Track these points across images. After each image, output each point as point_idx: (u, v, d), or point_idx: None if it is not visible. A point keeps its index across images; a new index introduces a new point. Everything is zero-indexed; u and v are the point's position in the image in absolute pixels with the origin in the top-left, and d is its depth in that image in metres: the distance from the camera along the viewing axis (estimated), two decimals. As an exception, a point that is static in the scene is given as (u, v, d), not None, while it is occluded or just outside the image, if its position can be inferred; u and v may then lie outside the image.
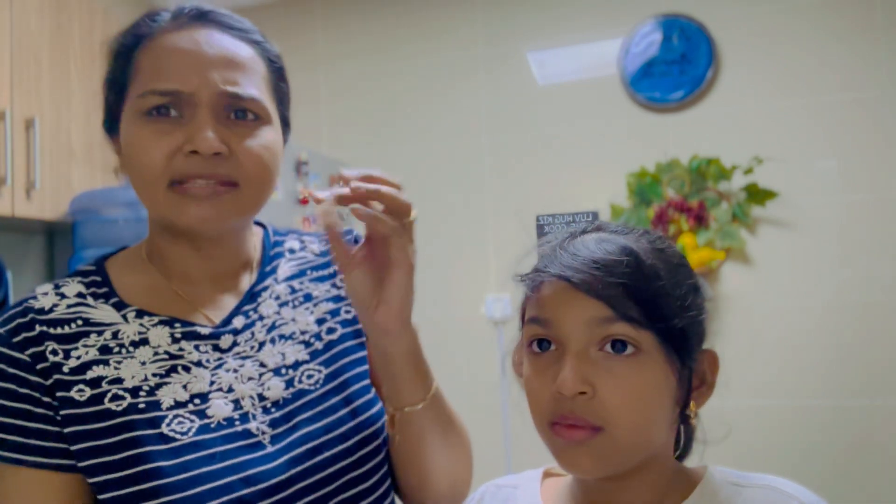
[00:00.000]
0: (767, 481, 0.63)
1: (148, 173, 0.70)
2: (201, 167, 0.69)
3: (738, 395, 2.38)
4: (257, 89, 0.73)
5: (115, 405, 0.68)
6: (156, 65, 0.71)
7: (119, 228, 1.90)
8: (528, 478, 0.73)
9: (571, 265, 0.59)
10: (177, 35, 0.72)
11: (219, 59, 0.71)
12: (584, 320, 0.59)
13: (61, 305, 0.73)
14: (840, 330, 2.29)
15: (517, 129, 2.67)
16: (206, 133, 0.68)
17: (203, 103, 0.70)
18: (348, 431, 0.75)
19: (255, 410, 0.73)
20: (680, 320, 0.59)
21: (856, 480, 2.25)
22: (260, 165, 0.72)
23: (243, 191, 0.72)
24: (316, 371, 0.78)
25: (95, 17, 2.04)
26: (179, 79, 0.69)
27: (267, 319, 0.79)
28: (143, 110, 0.70)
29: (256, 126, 0.73)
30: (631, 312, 0.58)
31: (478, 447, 0.85)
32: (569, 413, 0.58)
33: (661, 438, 0.62)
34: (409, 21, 2.81)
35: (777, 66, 2.38)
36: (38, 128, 1.79)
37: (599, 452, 0.58)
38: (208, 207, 0.70)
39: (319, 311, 0.82)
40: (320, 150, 2.83)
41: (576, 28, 2.61)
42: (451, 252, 2.68)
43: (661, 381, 0.59)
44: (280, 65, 0.79)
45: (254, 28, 0.77)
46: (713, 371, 0.65)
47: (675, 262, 0.63)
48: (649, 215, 2.44)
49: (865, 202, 2.29)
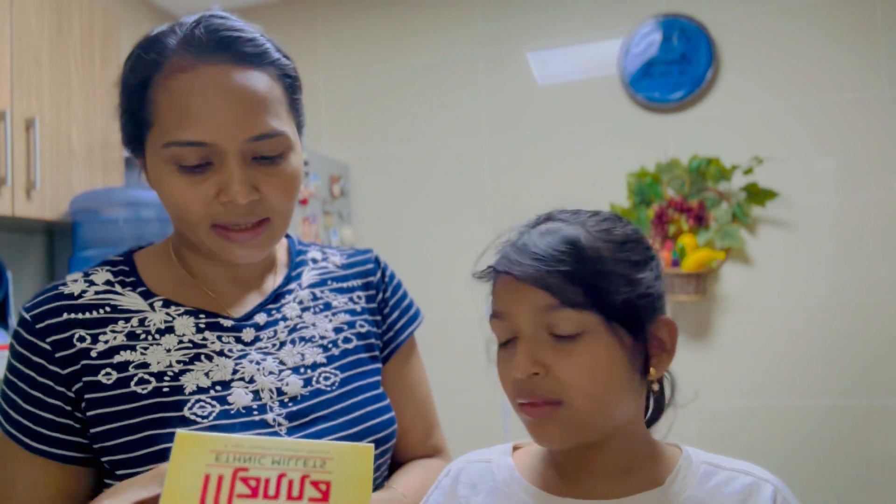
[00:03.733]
0: (743, 466, 0.67)
1: (189, 219, 0.73)
2: (237, 214, 0.73)
3: (739, 395, 2.38)
4: (279, 121, 0.73)
5: (140, 388, 0.72)
6: (175, 110, 0.70)
7: (119, 228, 1.90)
8: (499, 452, 0.76)
9: (515, 260, 0.64)
10: (193, 76, 0.70)
11: (240, 105, 0.70)
12: (531, 310, 0.63)
13: (90, 292, 0.76)
14: (841, 330, 2.29)
15: (517, 129, 2.67)
16: (238, 185, 0.71)
17: (231, 152, 0.71)
18: (362, 432, 0.79)
19: (272, 403, 0.76)
20: (624, 296, 0.63)
21: (857, 481, 2.25)
22: (287, 197, 0.76)
23: (275, 222, 0.76)
24: (332, 374, 0.81)
25: (95, 17, 2.04)
26: (203, 130, 0.69)
27: (290, 321, 0.82)
28: (173, 162, 0.71)
29: (281, 161, 0.74)
30: (572, 297, 0.62)
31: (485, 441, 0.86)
32: (529, 392, 0.64)
33: (625, 406, 0.65)
34: (410, 21, 2.81)
35: (777, 66, 2.38)
36: (38, 128, 1.79)
37: (563, 423, 0.63)
38: (251, 248, 0.75)
39: (337, 321, 0.86)
40: (320, 150, 2.83)
41: (576, 28, 2.61)
42: (451, 252, 2.68)
43: (611, 354, 0.63)
44: (294, 75, 0.79)
45: (265, 43, 0.75)
46: (672, 338, 0.67)
47: (621, 241, 0.66)
48: (649, 215, 2.44)
49: (865, 202, 2.29)
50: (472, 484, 0.73)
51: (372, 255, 0.94)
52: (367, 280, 0.91)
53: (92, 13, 2.02)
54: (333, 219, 2.62)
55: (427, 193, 2.76)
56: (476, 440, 0.86)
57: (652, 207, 2.44)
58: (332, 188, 2.63)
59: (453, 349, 2.48)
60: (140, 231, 1.90)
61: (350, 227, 2.75)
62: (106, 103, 2.04)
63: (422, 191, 2.77)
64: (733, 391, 2.38)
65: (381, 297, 0.91)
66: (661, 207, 2.41)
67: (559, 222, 0.67)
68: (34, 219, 1.83)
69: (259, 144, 0.72)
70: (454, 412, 2.19)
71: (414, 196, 2.78)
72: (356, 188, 2.83)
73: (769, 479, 0.66)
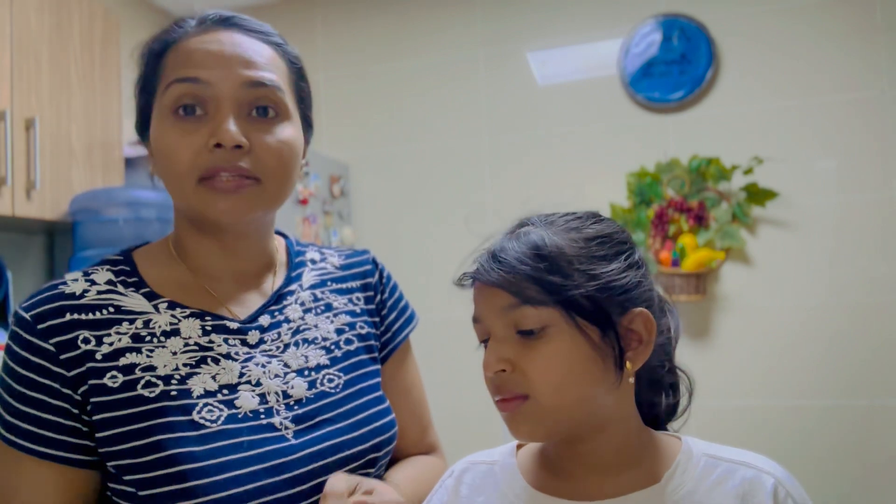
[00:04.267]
0: (744, 457, 0.68)
1: (178, 170, 0.73)
2: (224, 160, 0.72)
3: (739, 395, 2.38)
4: (279, 79, 0.77)
5: (147, 392, 0.70)
6: (181, 61, 0.75)
7: (119, 228, 1.90)
8: (503, 453, 0.77)
9: (483, 265, 0.68)
10: (202, 38, 0.76)
11: (241, 55, 0.75)
12: (496, 310, 0.67)
13: (91, 292, 0.74)
14: (840, 329, 2.29)
15: (517, 129, 2.67)
16: (228, 125, 0.72)
17: (225, 97, 0.73)
18: (366, 434, 0.80)
19: (279, 406, 0.76)
20: (583, 290, 0.64)
21: (857, 481, 2.25)
22: (278, 160, 0.75)
23: (265, 185, 0.75)
24: (336, 376, 0.82)
25: (95, 17, 2.04)
26: (202, 69, 0.73)
27: (292, 323, 0.82)
28: (170, 107, 0.74)
29: (276, 122, 0.76)
30: (530, 294, 0.64)
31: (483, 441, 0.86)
32: (500, 388, 0.66)
33: (602, 400, 0.66)
34: (410, 21, 2.81)
35: (777, 66, 2.38)
36: (38, 128, 1.79)
37: (530, 417, 0.65)
38: (234, 200, 0.73)
39: (339, 322, 0.86)
40: (320, 150, 2.83)
41: (576, 28, 2.61)
42: (451, 252, 2.68)
43: (574, 347, 0.64)
44: (300, 65, 0.83)
45: (274, 31, 0.81)
46: (649, 330, 0.67)
47: (589, 237, 0.68)
48: (649, 215, 2.44)
49: (865, 202, 2.29)
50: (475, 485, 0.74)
51: (369, 255, 0.95)
52: (366, 281, 0.92)
53: (92, 13, 2.02)
54: (333, 219, 2.62)
55: (427, 193, 2.75)
56: (473, 439, 0.87)
57: (652, 207, 2.44)
58: (332, 188, 2.63)
59: (453, 350, 2.47)
60: (140, 231, 1.90)
61: (350, 227, 2.75)
62: (106, 103, 2.04)
63: (422, 191, 2.77)
64: (733, 391, 2.38)
65: (379, 299, 0.92)
66: (661, 207, 2.41)
67: (530, 226, 0.70)
68: (34, 219, 1.83)
69: (254, 92, 0.74)
70: (453, 413, 2.19)
71: (414, 196, 2.78)
72: (356, 188, 2.83)
73: (771, 470, 0.66)
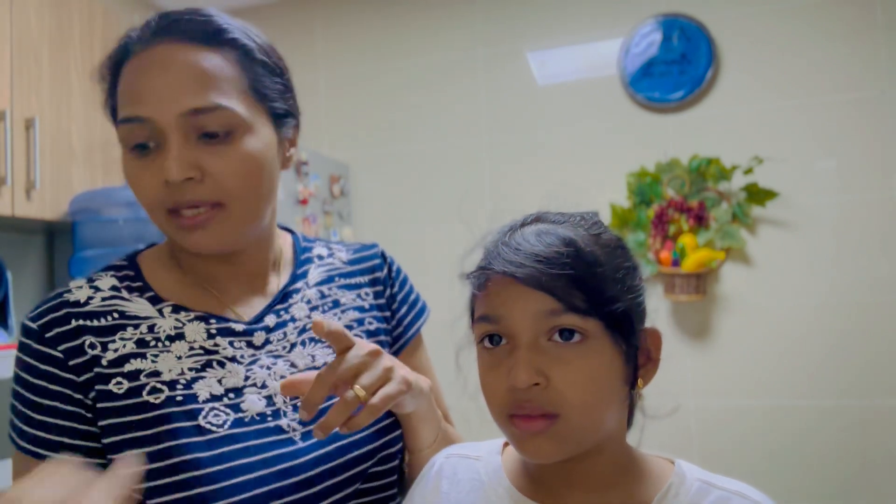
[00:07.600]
0: (736, 486, 0.63)
1: (145, 204, 0.73)
2: (180, 194, 0.70)
3: (739, 395, 2.37)
4: (225, 97, 0.70)
5: (153, 398, 0.70)
6: (124, 92, 0.71)
7: (119, 228, 1.90)
8: (488, 450, 0.73)
9: (514, 260, 0.60)
10: (141, 58, 0.71)
11: (178, 80, 0.69)
12: (532, 314, 0.60)
13: (96, 298, 0.74)
14: (841, 329, 2.29)
15: (517, 129, 2.67)
16: (171, 161, 0.68)
17: (170, 128, 0.69)
18: (375, 434, 0.78)
19: (286, 408, 0.75)
20: (622, 303, 0.60)
21: (857, 481, 2.25)
22: (238, 178, 0.71)
23: (230, 208, 0.71)
24: None
25: (95, 17, 2.04)
26: (142, 105, 0.69)
27: (298, 322, 0.81)
28: (125, 144, 0.72)
29: (230, 140, 0.71)
30: (576, 302, 0.59)
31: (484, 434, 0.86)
32: (525, 404, 0.59)
33: (614, 418, 0.63)
34: (409, 21, 2.81)
35: (777, 66, 2.38)
36: (38, 128, 1.79)
37: (558, 438, 0.60)
38: (202, 234, 0.71)
39: (346, 319, 0.85)
40: (320, 150, 2.83)
41: (576, 28, 2.61)
42: (451, 252, 2.68)
43: (609, 363, 0.60)
44: (262, 57, 0.75)
45: (223, 24, 0.74)
46: (657, 348, 0.65)
47: (613, 246, 0.64)
48: (649, 215, 2.44)
49: (865, 202, 2.29)
50: (456, 479, 0.72)
51: (377, 249, 0.93)
52: (375, 276, 0.90)
53: (92, 13, 2.02)
54: (333, 219, 2.62)
55: (427, 193, 2.75)
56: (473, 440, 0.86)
57: (652, 207, 2.44)
58: (332, 188, 2.63)
59: (452, 350, 2.47)
60: (140, 231, 1.89)
61: (350, 227, 2.75)
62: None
63: (422, 191, 2.77)
64: (733, 391, 2.38)
65: (388, 293, 0.90)
66: (661, 207, 2.41)
67: (551, 224, 0.64)
68: (34, 219, 1.83)
69: (199, 119, 0.69)
70: (452, 413, 2.19)
71: (414, 196, 2.78)
72: (356, 188, 2.83)
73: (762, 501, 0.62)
